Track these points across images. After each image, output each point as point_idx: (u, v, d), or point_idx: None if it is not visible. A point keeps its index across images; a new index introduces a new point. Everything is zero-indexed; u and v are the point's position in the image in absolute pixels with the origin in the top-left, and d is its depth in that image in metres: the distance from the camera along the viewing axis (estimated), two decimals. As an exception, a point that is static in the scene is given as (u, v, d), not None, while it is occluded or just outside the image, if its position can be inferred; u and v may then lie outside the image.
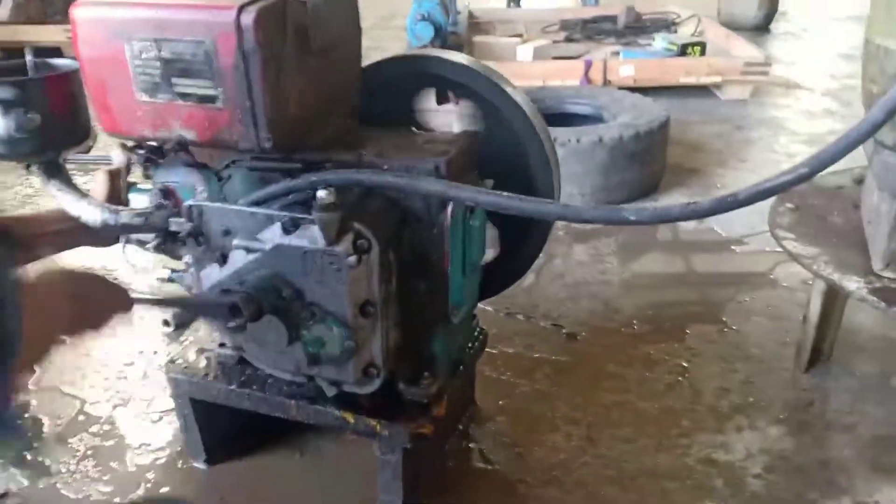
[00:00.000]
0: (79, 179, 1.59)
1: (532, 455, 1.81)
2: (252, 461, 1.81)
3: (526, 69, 4.51)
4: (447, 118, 1.71)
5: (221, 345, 1.64)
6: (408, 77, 1.64)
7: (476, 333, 1.80)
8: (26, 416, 1.97)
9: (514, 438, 1.86)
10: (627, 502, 1.67)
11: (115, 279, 1.22)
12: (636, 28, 5.63)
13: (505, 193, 1.32)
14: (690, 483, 1.71)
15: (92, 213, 1.47)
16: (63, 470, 1.80)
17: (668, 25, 5.68)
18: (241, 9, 1.24)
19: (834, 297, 1.95)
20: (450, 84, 1.62)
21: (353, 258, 1.26)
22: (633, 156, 3.10)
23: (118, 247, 1.59)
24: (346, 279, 1.28)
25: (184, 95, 1.33)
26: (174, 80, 1.32)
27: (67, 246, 1.53)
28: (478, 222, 1.52)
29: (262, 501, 1.72)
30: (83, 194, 1.49)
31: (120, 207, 1.48)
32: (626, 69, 4.44)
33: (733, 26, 5.86)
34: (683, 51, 4.61)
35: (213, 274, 1.36)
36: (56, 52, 5.77)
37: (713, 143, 3.88)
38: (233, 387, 1.61)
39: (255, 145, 1.32)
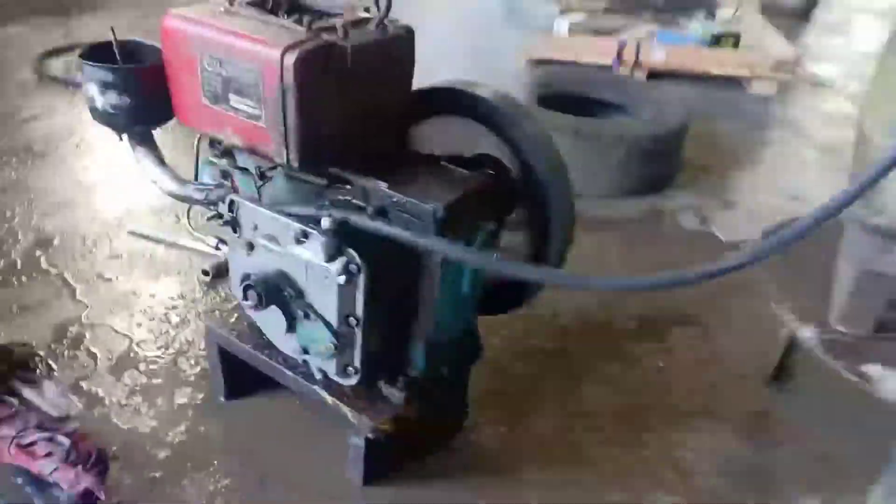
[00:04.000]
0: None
1: (515, 432, 2.08)
2: (261, 399, 2.09)
3: (561, 43, 4.62)
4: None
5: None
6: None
7: (471, 350, 1.90)
8: (81, 347, 2.27)
9: (500, 418, 2.12)
10: (589, 480, 1.94)
11: None
12: (677, 4, 5.64)
13: (494, 257, 1.55)
14: (648, 474, 1.98)
15: (165, 181, 1.78)
16: (115, 402, 2.09)
17: (709, 6, 5.68)
18: (286, 49, 1.40)
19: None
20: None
21: (342, 277, 1.49)
22: (650, 154, 3.27)
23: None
24: (336, 293, 1.53)
25: (236, 109, 1.55)
26: (230, 94, 1.54)
27: None
28: None
29: (262, 431, 2.02)
30: (163, 163, 1.76)
31: (188, 180, 1.75)
32: (659, 54, 4.55)
33: (774, 11, 5.87)
34: (717, 41, 4.69)
35: (240, 259, 1.64)
36: None
37: (731, 141, 4.03)
38: (249, 347, 1.87)
39: (284, 161, 1.52)
